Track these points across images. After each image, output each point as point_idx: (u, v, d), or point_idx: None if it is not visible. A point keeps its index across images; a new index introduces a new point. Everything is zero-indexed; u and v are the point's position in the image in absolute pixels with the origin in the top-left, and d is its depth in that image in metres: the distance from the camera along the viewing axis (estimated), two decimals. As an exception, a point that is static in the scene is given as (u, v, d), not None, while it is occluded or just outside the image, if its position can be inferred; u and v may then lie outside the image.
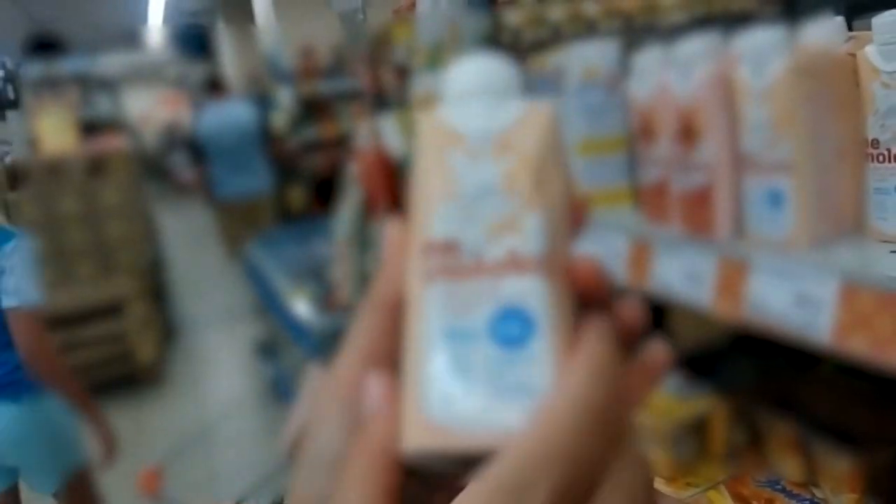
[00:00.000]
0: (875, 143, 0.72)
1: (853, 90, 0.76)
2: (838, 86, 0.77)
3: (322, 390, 0.32)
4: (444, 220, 0.29)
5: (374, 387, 0.30)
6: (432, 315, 0.29)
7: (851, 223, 0.80)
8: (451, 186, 0.30)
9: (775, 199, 0.80)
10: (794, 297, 0.76)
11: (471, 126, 0.30)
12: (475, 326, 0.28)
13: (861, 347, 0.70)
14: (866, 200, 0.77)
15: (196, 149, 4.81)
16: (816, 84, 0.77)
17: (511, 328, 0.28)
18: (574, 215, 0.31)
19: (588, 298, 0.31)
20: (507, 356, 0.28)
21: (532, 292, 0.28)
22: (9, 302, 1.60)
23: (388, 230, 0.32)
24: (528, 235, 0.29)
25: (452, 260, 0.29)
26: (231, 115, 4.75)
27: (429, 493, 0.31)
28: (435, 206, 0.30)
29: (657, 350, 0.33)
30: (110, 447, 1.82)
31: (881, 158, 0.72)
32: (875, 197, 0.73)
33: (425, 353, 0.28)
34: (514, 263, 0.29)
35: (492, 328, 0.28)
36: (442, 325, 0.28)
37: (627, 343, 0.32)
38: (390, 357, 0.31)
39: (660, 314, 1.44)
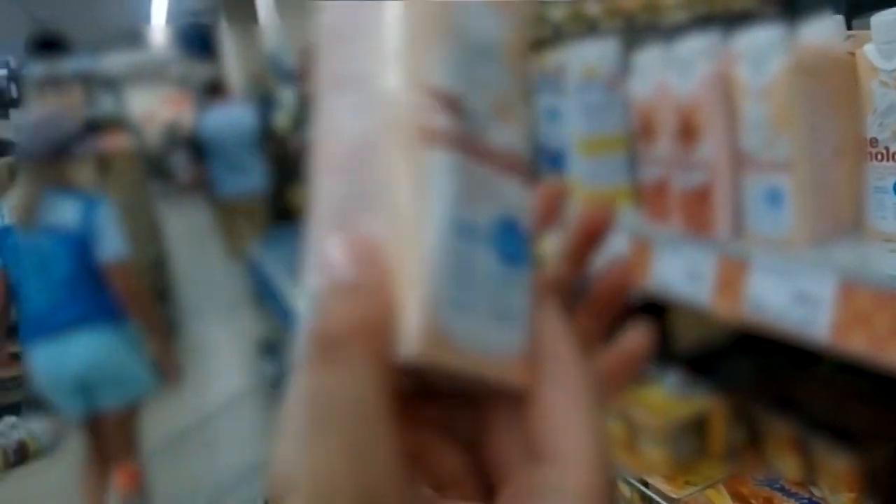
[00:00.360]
0: (874, 141, 0.72)
1: (852, 89, 0.76)
2: (837, 84, 0.77)
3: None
4: (452, 67, 0.23)
5: (336, 249, 0.23)
6: (439, 192, 0.22)
7: (851, 221, 0.80)
8: (455, 26, 0.23)
9: (774, 198, 0.80)
10: (794, 296, 0.76)
11: None
12: (482, 227, 0.23)
13: (860, 345, 0.71)
14: (865, 199, 0.78)
15: (197, 148, 4.86)
16: (815, 83, 0.77)
17: (512, 243, 0.24)
18: None
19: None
20: (505, 274, 0.24)
21: (525, 206, 0.24)
22: (106, 255, 2.02)
23: None
24: (521, 132, 0.24)
25: (459, 126, 0.23)
26: (232, 117, 4.79)
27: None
28: (439, 44, 0.22)
29: (636, 337, 0.32)
30: (177, 371, 2.30)
31: (880, 157, 0.72)
32: (874, 196, 0.73)
33: (432, 242, 0.22)
34: (513, 163, 0.24)
35: (497, 237, 0.23)
36: (451, 213, 0.23)
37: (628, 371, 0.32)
38: None
39: (660, 313, 1.44)
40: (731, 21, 0.90)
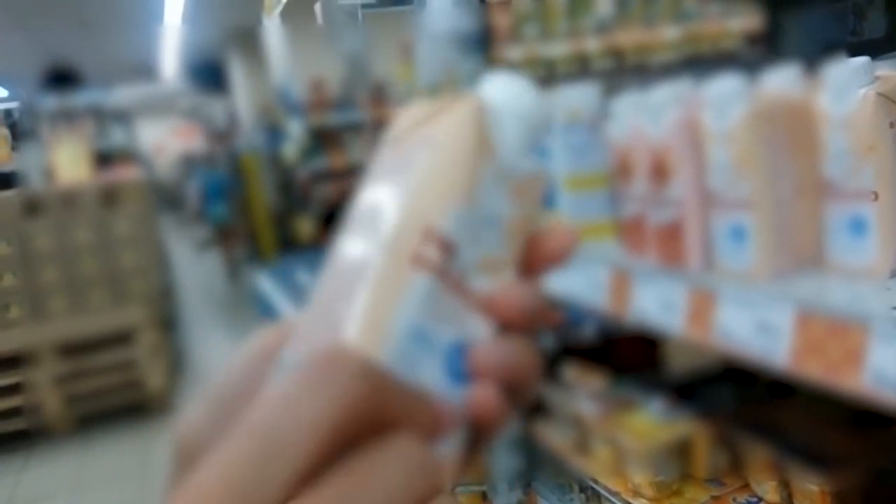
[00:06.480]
0: (829, 181, 0.78)
1: (809, 133, 0.82)
2: (795, 129, 0.84)
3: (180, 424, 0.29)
4: (456, 222, 0.28)
5: None
6: (409, 302, 0.27)
7: (811, 256, 0.86)
8: (474, 197, 0.29)
9: (738, 234, 0.86)
10: (756, 325, 0.82)
11: (506, 152, 0.30)
12: (436, 342, 0.28)
13: (816, 372, 0.76)
14: (825, 234, 0.84)
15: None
16: (773, 128, 0.83)
17: (459, 366, 0.28)
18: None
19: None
20: (446, 386, 0.28)
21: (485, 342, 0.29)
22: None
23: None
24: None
25: (446, 262, 0.28)
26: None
27: None
28: (453, 204, 0.29)
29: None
30: None
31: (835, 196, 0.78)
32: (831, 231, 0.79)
33: (384, 331, 0.27)
34: (486, 307, 0.29)
35: (449, 355, 0.28)
36: (414, 319, 0.27)
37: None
38: (238, 408, 0.25)
39: (654, 345, 1.50)
40: (719, 62, 0.96)
